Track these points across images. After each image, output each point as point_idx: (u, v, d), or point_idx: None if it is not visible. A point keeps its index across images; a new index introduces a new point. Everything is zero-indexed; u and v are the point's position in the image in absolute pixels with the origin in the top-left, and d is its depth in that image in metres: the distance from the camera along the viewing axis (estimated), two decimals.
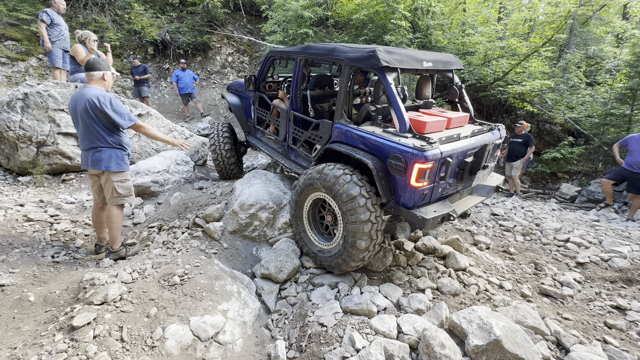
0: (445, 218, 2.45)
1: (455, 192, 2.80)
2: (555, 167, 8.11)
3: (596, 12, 9.46)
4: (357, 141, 2.65)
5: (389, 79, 2.59)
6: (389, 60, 2.56)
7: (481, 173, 2.79)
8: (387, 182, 2.44)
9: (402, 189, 2.39)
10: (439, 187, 2.51)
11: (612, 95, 7.65)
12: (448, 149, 2.40)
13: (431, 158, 2.26)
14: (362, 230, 2.41)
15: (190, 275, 2.43)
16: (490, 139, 2.78)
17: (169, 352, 1.95)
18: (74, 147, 4.76)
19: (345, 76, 2.79)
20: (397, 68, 2.63)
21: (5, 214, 3.49)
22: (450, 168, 2.45)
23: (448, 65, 3.16)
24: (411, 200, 2.39)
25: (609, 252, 3.63)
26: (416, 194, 2.36)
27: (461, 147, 2.54)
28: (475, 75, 8.28)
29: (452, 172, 2.55)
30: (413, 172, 2.27)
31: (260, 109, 4.12)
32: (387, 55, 2.58)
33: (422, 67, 2.85)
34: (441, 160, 2.35)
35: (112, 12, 9.78)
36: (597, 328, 2.47)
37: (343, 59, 2.79)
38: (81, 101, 2.66)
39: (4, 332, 2.01)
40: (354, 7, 9.05)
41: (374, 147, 2.53)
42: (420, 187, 2.34)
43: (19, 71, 7.99)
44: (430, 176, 2.34)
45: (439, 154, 2.31)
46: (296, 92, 3.40)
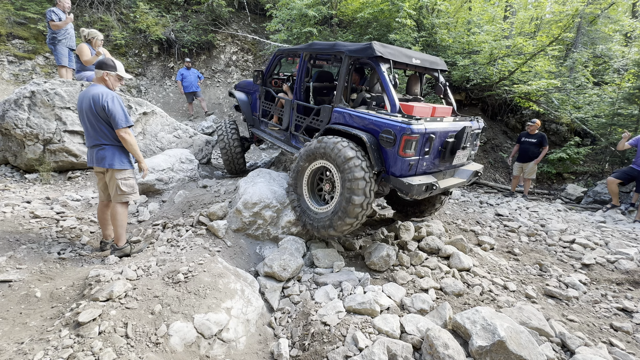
0: (429, 187, 2.78)
1: (439, 171, 3.16)
2: (561, 168, 8.02)
3: (604, 11, 9.34)
4: (353, 121, 3.05)
5: (383, 67, 2.99)
6: (382, 52, 2.99)
7: (461, 153, 3.19)
8: (379, 154, 2.83)
9: (392, 159, 2.78)
10: (423, 161, 2.90)
11: (620, 95, 7.54)
12: (431, 127, 2.81)
13: (416, 131, 2.67)
14: (357, 186, 2.72)
15: (194, 273, 2.44)
16: (469, 124, 3.16)
17: (173, 349, 1.97)
18: (80, 145, 4.80)
19: (345, 66, 3.19)
20: (390, 60, 3.03)
21: (12, 210, 3.54)
22: (433, 144, 2.87)
23: (434, 65, 3.57)
24: (399, 169, 2.78)
25: (615, 253, 3.60)
26: (404, 163, 2.75)
27: (443, 128, 2.95)
28: (481, 75, 8.21)
29: (435, 149, 2.95)
30: (401, 143, 2.67)
31: (266, 102, 4.51)
32: (381, 47, 3.02)
33: (411, 62, 3.30)
34: (425, 135, 2.75)
35: (117, 11, 9.84)
36: (603, 330, 2.45)
37: (344, 51, 3.21)
38: (86, 99, 2.70)
39: (11, 327, 2.04)
40: (359, 5, 9.01)
41: (368, 125, 2.92)
42: (407, 157, 2.73)
43: (26, 69, 8.07)
44: (415, 148, 2.75)
45: (423, 129, 2.72)
46: (300, 84, 3.78)
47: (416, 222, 3.97)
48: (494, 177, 8.38)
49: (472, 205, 5.73)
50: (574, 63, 9.08)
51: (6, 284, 2.39)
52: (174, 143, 5.71)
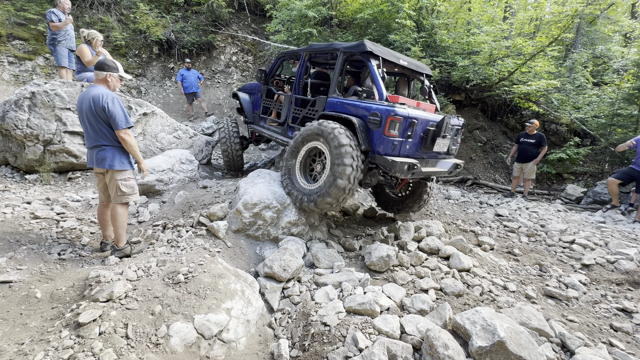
0: (411, 167, 3.05)
1: (422, 158, 3.45)
2: (561, 168, 8.02)
3: (604, 11, 9.36)
4: (345, 108, 3.39)
5: (373, 62, 3.38)
6: (372, 48, 3.36)
7: (441, 141, 3.44)
8: (366, 135, 3.17)
9: (378, 138, 3.09)
10: (406, 144, 3.19)
11: (620, 96, 7.55)
12: (414, 113, 3.15)
13: (400, 114, 3.00)
14: (345, 172, 2.97)
15: (195, 274, 2.44)
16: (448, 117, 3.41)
17: (173, 350, 1.97)
18: (80, 146, 4.81)
19: (340, 61, 3.61)
20: (379, 56, 3.42)
21: (12, 211, 3.54)
22: (415, 129, 3.18)
23: (420, 69, 3.94)
24: (384, 148, 3.09)
25: (615, 254, 3.60)
26: (388, 142, 3.07)
27: (424, 116, 3.28)
28: (481, 75, 8.22)
29: (417, 135, 3.26)
30: (386, 123, 3.00)
31: (267, 99, 4.91)
32: (372, 45, 3.39)
33: (399, 62, 3.64)
34: (408, 119, 3.07)
35: (117, 11, 9.85)
36: (603, 331, 2.45)
37: (339, 48, 3.64)
38: (86, 99, 2.71)
39: (11, 328, 2.04)
40: (358, 6, 9.03)
41: (358, 110, 3.27)
42: (391, 137, 3.05)
43: (26, 70, 8.08)
44: (399, 129, 3.05)
45: (406, 113, 3.05)
46: (299, 80, 4.18)
47: (416, 223, 3.97)
48: (493, 178, 8.39)
49: (472, 205, 5.74)
50: (573, 63, 9.10)
51: (6, 285, 2.40)
52: (174, 144, 5.72)
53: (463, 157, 8.67)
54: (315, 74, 4.63)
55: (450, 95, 9.02)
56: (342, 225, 4.63)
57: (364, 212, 5.17)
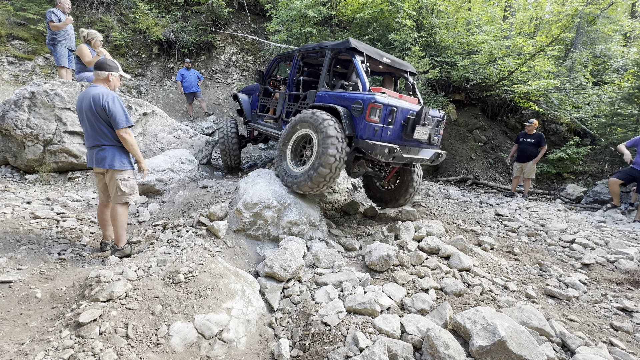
0: (391, 150, 3.30)
1: (404, 145, 3.63)
2: (561, 168, 8.02)
3: (604, 11, 9.36)
4: (332, 99, 3.65)
5: (357, 58, 3.69)
6: (357, 45, 3.67)
7: (420, 129, 3.62)
8: (350, 122, 3.42)
9: (360, 124, 3.34)
10: (387, 130, 3.41)
11: (620, 95, 7.55)
12: (394, 102, 3.40)
13: (380, 101, 3.26)
14: (328, 161, 3.22)
15: (195, 274, 2.44)
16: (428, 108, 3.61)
17: (173, 350, 1.97)
18: (80, 146, 4.80)
19: (328, 58, 3.91)
20: (363, 53, 3.72)
21: (12, 211, 3.54)
22: (395, 117, 3.41)
23: (404, 67, 4.24)
24: (366, 133, 3.33)
25: (616, 253, 3.60)
26: (370, 127, 3.31)
27: (404, 106, 3.51)
28: (480, 75, 8.21)
29: (398, 122, 3.48)
30: (367, 110, 3.25)
31: (264, 98, 5.24)
32: (356, 42, 3.70)
33: (382, 60, 3.93)
34: (388, 107, 3.32)
35: (117, 11, 9.84)
36: (603, 330, 2.45)
37: (327, 46, 3.95)
38: (86, 99, 2.71)
39: (11, 328, 2.04)
40: (358, 6, 9.03)
41: (343, 101, 3.54)
42: (372, 122, 3.29)
43: (26, 70, 8.07)
44: (380, 115, 3.30)
45: (386, 101, 3.31)
46: (293, 78, 4.49)
47: (416, 223, 3.97)
48: (494, 177, 8.39)
49: (472, 205, 5.74)
50: (573, 63, 9.10)
51: (6, 285, 2.39)
52: (174, 143, 5.71)
53: (463, 157, 8.66)
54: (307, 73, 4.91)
55: (450, 95, 9.02)
56: (343, 225, 4.63)
57: (364, 211, 5.17)
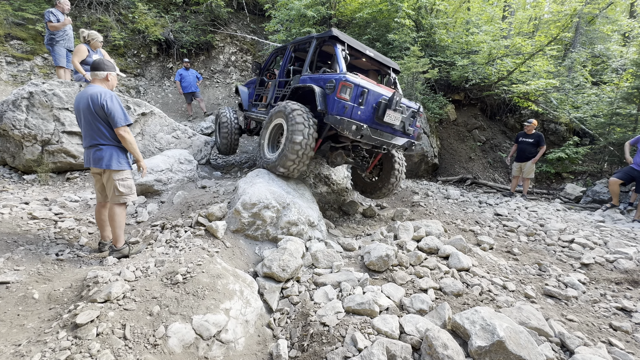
0: (359, 127, 3.54)
1: (376, 129, 3.82)
2: (560, 167, 8.03)
3: (602, 11, 9.37)
4: (311, 80, 3.94)
5: (338, 46, 3.96)
6: (338, 34, 3.94)
7: (392, 113, 3.80)
8: (323, 99, 3.65)
9: (332, 101, 3.56)
10: (357, 110, 3.60)
11: (619, 95, 7.56)
12: (365, 84, 3.61)
13: (350, 80, 3.50)
14: (294, 148, 3.54)
15: (193, 274, 2.43)
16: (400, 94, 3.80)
17: (171, 351, 1.96)
18: (78, 146, 4.79)
19: (313, 46, 4.26)
20: (345, 42, 4.00)
21: (10, 211, 3.52)
22: (366, 98, 3.62)
23: (387, 63, 4.50)
24: (336, 110, 3.53)
25: (615, 253, 3.60)
26: (340, 104, 3.52)
27: (375, 89, 3.70)
28: (480, 75, 8.22)
29: (369, 105, 3.68)
30: (338, 87, 3.49)
31: (260, 88, 5.62)
32: (339, 32, 3.97)
33: (365, 52, 4.18)
34: (359, 87, 3.54)
35: (116, 11, 9.82)
36: (602, 330, 2.45)
37: (313, 37, 4.29)
38: (84, 99, 2.70)
39: (8, 329, 2.03)
40: (358, 5, 9.02)
41: (319, 81, 3.81)
42: (342, 100, 3.51)
43: (24, 70, 8.05)
44: (350, 94, 3.52)
45: (357, 82, 3.55)
46: (284, 67, 4.82)
47: (415, 223, 3.97)
48: (493, 177, 8.39)
49: (471, 205, 5.74)
50: (572, 63, 9.11)
51: (4, 286, 2.38)
52: (172, 144, 5.70)
53: (462, 157, 8.66)
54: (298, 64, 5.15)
55: (449, 95, 9.02)
56: (341, 225, 4.62)
57: (363, 211, 5.16)
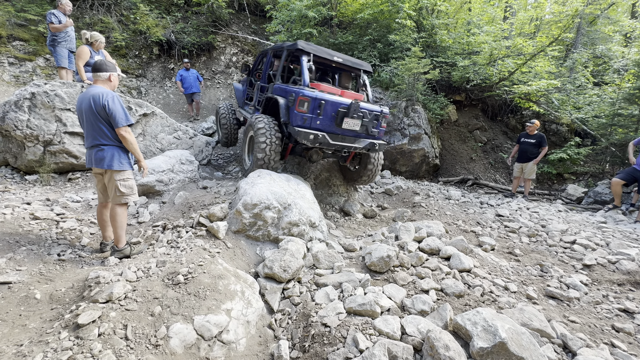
0: (316, 137, 3.86)
1: (337, 134, 4.16)
2: (562, 168, 8.01)
3: (604, 11, 9.35)
4: (280, 92, 4.28)
5: (304, 58, 4.22)
6: (303, 46, 4.22)
7: (350, 120, 4.14)
8: (287, 111, 4.02)
9: (292, 113, 3.92)
10: (316, 120, 3.95)
11: (620, 95, 7.54)
12: (322, 96, 3.94)
13: (308, 95, 3.84)
14: (258, 164, 4.08)
15: (194, 275, 2.43)
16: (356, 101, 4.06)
17: (172, 351, 1.96)
18: (79, 146, 4.80)
19: (284, 56, 4.57)
20: (310, 53, 4.25)
21: (12, 212, 3.53)
22: (324, 108, 3.94)
23: (357, 65, 4.72)
24: (296, 121, 3.91)
25: (617, 254, 3.58)
26: (299, 117, 3.88)
27: (334, 99, 4.01)
28: (481, 75, 8.21)
29: (328, 114, 4.00)
30: (297, 101, 3.83)
31: (249, 88, 5.97)
32: (304, 44, 4.25)
33: (332, 59, 4.42)
34: (316, 100, 3.88)
35: (118, 12, 9.85)
36: (605, 331, 2.44)
37: (284, 47, 4.59)
38: (86, 99, 2.72)
39: (10, 329, 2.03)
40: (359, 6, 9.03)
41: (285, 93, 4.16)
42: (301, 112, 3.87)
43: (26, 71, 8.08)
44: (308, 107, 3.87)
45: (314, 95, 3.87)
46: (265, 72, 5.18)
47: (417, 223, 3.96)
48: (494, 178, 8.38)
49: (472, 206, 5.73)
50: (573, 63, 9.09)
51: (6, 286, 2.39)
52: (174, 144, 5.71)
53: (463, 158, 8.65)
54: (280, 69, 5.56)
55: (451, 96, 9.02)
56: (343, 226, 4.62)
57: (364, 212, 5.16)
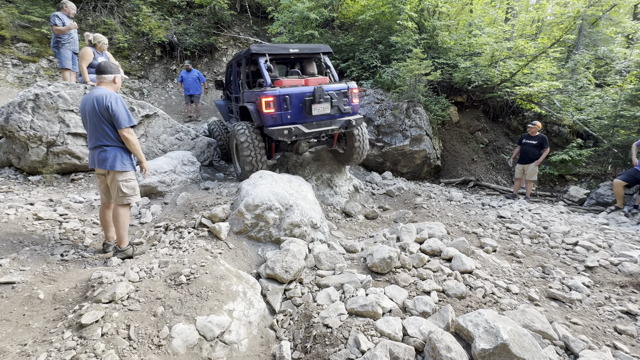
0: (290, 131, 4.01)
1: (311, 122, 4.26)
2: (564, 170, 7.99)
3: (606, 13, 9.34)
4: (249, 98, 4.47)
5: (260, 60, 4.35)
6: (257, 50, 4.34)
7: (318, 106, 4.21)
8: (258, 115, 4.17)
9: (262, 115, 4.07)
10: (287, 115, 4.12)
11: (622, 97, 7.52)
12: (285, 91, 4.08)
13: (270, 94, 3.98)
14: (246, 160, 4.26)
15: (197, 275, 2.44)
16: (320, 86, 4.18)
17: (175, 351, 1.97)
18: (82, 147, 4.83)
19: (243, 64, 4.78)
20: (266, 54, 4.38)
21: (16, 212, 3.55)
22: (291, 102, 4.09)
23: (315, 50, 4.82)
24: (267, 122, 4.07)
25: (619, 256, 3.57)
26: (268, 117, 4.03)
27: (296, 91, 4.15)
28: (482, 77, 8.21)
29: (295, 106, 4.15)
30: (262, 104, 3.97)
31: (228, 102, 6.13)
32: (257, 47, 4.37)
33: (289, 52, 4.54)
34: (279, 97, 4.02)
35: (120, 14, 9.92)
36: (607, 333, 2.43)
37: (243, 55, 4.72)
38: (89, 100, 2.74)
39: (14, 329, 2.05)
40: (360, 8, 9.05)
41: (252, 98, 4.36)
42: (269, 113, 4.01)
43: (30, 72, 8.13)
44: (274, 106, 4.01)
45: (277, 93, 4.01)
46: (236, 83, 5.30)
47: (418, 225, 3.96)
48: (496, 179, 8.36)
49: (474, 207, 5.72)
50: (575, 65, 9.08)
51: (9, 286, 2.40)
52: (176, 145, 5.73)
53: (465, 159, 8.64)
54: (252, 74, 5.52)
55: (452, 97, 9.01)
56: (344, 227, 4.62)
57: (365, 213, 5.16)
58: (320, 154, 5.67)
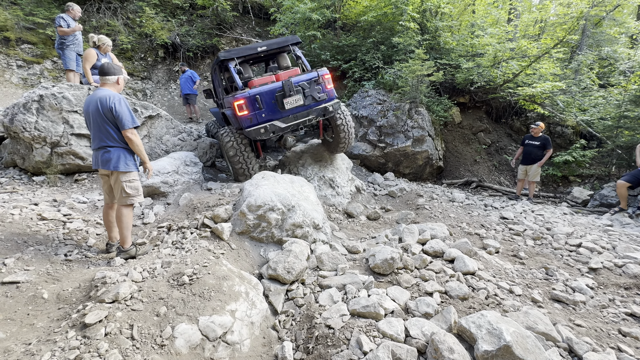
0: (266, 129, 4.11)
1: (287, 116, 4.30)
2: (567, 171, 7.95)
3: (609, 13, 9.29)
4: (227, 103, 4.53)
5: (230, 64, 4.43)
6: (224, 55, 4.42)
7: (290, 99, 4.25)
8: (235, 119, 4.26)
9: (238, 118, 4.14)
10: (262, 114, 4.18)
11: (626, 97, 7.47)
12: (254, 91, 4.13)
13: (240, 97, 4.06)
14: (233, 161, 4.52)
15: (199, 275, 2.45)
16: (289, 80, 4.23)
17: (178, 351, 1.98)
18: (86, 148, 4.86)
19: (217, 71, 4.98)
20: (234, 58, 4.45)
21: (20, 212, 3.58)
22: (262, 100, 4.14)
23: (284, 44, 4.79)
24: (244, 124, 4.16)
25: (623, 257, 3.55)
26: (244, 120, 4.12)
27: (265, 88, 4.19)
28: (485, 77, 8.18)
29: (268, 103, 4.19)
30: (234, 107, 4.07)
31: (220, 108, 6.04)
32: (225, 53, 4.45)
33: (257, 51, 4.58)
34: (250, 97, 4.09)
35: (124, 15, 9.98)
36: (611, 335, 2.42)
37: (215, 63, 4.82)
38: (93, 101, 2.76)
39: (18, 328, 2.06)
40: (362, 9, 9.06)
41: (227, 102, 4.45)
42: (243, 115, 4.10)
43: (34, 73, 8.20)
44: (247, 107, 4.09)
45: (247, 94, 4.09)
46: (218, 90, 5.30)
47: (420, 226, 3.96)
48: (498, 180, 8.33)
49: (476, 208, 5.70)
50: (579, 65, 9.03)
51: (14, 285, 2.42)
52: (178, 146, 5.76)
53: (467, 160, 8.62)
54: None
55: (455, 98, 9.00)
56: (346, 228, 4.62)
57: (367, 214, 5.16)
58: (322, 155, 5.68)
